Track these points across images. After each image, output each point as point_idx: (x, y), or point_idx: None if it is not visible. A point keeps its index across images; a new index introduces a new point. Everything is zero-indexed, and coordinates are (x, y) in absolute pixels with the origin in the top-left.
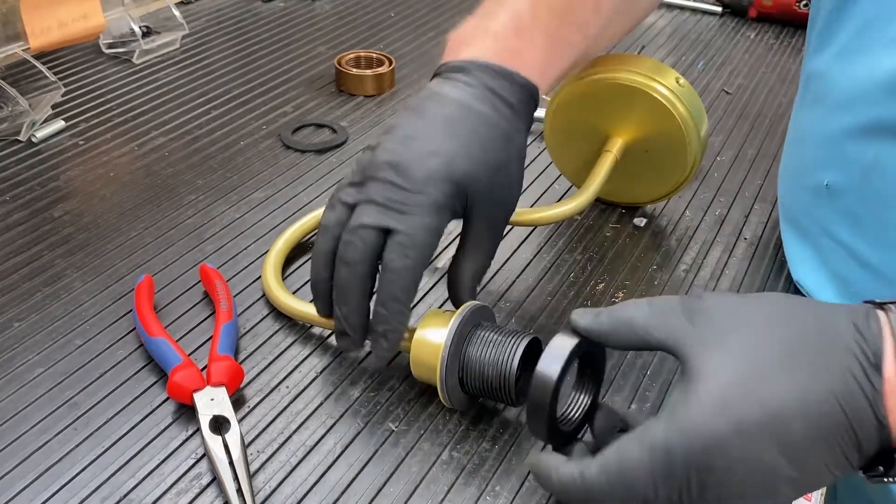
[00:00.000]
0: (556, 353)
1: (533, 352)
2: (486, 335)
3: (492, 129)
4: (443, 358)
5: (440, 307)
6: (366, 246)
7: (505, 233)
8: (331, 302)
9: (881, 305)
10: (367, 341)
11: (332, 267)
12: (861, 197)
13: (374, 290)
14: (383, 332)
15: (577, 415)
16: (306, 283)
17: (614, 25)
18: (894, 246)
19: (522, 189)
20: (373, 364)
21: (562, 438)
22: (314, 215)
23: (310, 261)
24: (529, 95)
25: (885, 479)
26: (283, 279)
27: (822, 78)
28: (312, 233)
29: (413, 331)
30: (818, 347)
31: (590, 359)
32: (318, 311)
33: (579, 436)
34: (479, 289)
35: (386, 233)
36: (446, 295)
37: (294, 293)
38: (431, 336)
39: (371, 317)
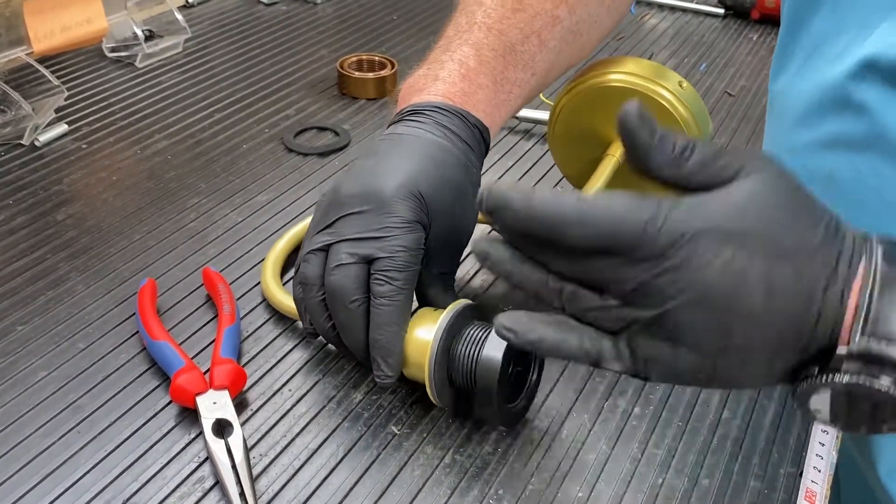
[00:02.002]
0: (499, 339)
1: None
2: (475, 333)
3: (448, 155)
4: (432, 353)
5: None
6: (352, 282)
7: None
8: (346, 346)
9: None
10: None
11: (329, 315)
12: None
13: None
14: (382, 357)
15: (523, 395)
16: None
17: (563, 57)
18: None
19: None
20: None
21: (512, 418)
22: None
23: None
24: (481, 136)
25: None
26: (283, 280)
27: (783, 97)
28: None
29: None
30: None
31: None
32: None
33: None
34: (481, 292)
35: (368, 262)
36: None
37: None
38: (421, 334)
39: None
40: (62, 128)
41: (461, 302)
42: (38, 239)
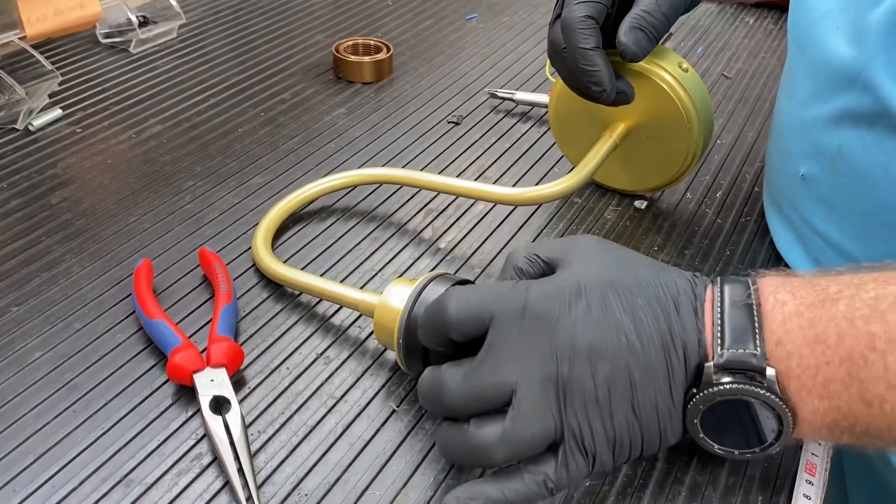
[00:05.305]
0: (429, 299)
1: None
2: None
3: None
4: (401, 321)
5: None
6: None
7: (504, 215)
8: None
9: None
10: None
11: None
12: (832, 186)
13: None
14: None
15: None
16: (300, 252)
17: None
18: (867, 234)
19: (522, 173)
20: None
21: None
22: (306, 189)
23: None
24: None
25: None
26: (275, 249)
27: (793, 70)
28: (304, 206)
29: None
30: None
31: None
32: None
33: None
34: (479, 271)
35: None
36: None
37: (290, 263)
38: (393, 301)
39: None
40: (56, 112)
41: (436, 272)
42: (32, 222)
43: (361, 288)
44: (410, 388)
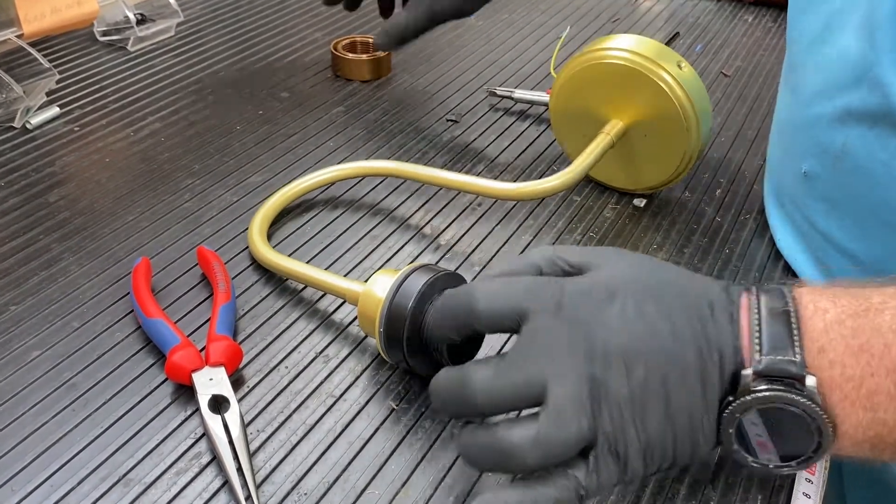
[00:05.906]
0: (411, 288)
1: None
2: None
3: None
4: (383, 309)
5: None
6: None
7: (503, 214)
8: None
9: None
10: None
11: None
12: (835, 185)
13: None
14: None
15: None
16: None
17: None
18: (869, 232)
19: (520, 171)
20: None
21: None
22: (309, 177)
23: None
24: None
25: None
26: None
27: (797, 68)
28: (305, 195)
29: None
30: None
31: None
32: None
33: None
34: (479, 268)
35: None
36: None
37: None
38: (377, 290)
39: None
40: (54, 110)
41: (419, 262)
42: (30, 220)
43: None
44: (410, 386)
